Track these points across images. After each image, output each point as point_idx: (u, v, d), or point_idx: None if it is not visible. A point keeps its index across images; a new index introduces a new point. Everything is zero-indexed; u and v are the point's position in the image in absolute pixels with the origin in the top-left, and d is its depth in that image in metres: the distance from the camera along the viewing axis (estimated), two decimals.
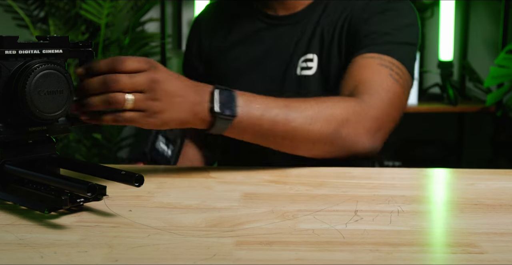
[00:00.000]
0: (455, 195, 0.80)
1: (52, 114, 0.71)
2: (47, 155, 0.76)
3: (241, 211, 0.71)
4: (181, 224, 0.66)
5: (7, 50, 0.70)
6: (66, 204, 0.67)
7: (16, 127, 0.72)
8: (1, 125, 0.70)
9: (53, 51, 0.73)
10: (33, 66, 0.69)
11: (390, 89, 0.97)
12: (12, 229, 0.63)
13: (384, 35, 1.03)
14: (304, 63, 1.10)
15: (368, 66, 1.00)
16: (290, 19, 1.15)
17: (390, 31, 1.04)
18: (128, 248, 0.58)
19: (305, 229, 0.64)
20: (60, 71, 0.71)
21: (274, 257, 0.56)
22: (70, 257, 0.55)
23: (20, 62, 0.71)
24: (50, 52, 0.73)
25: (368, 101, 0.94)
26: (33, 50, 0.72)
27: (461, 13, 2.54)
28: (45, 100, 0.70)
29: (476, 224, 0.66)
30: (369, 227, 0.65)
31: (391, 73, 0.99)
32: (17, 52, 0.70)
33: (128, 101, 0.76)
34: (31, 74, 0.69)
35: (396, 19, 1.06)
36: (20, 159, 0.73)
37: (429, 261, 0.55)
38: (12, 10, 2.32)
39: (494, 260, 0.55)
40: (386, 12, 1.06)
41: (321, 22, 1.11)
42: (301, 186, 0.82)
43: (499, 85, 2.27)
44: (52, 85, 0.71)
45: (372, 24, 1.05)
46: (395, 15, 1.07)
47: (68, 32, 2.28)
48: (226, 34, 1.21)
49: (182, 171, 0.94)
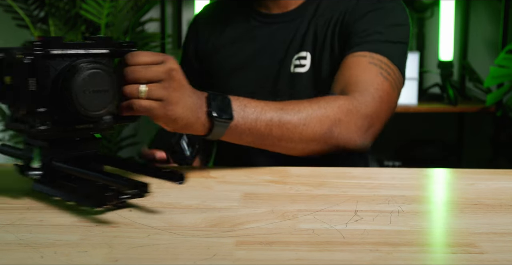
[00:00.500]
0: (455, 195, 0.80)
1: (97, 113, 0.72)
2: (92, 152, 0.78)
3: (241, 211, 0.71)
4: (181, 224, 0.66)
5: (53, 50, 0.71)
6: (111, 200, 0.69)
7: (63, 124, 0.73)
8: (49, 123, 0.72)
9: (99, 51, 0.75)
10: (79, 65, 0.71)
11: (380, 87, 0.98)
12: (12, 229, 0.63)
13: (375, 33, 1.04)
14: (298, 60, 1.12)
15: (359, 64, 1.01)
16: (283, 17, 1.16)
17: (381, 29, 1.05)
18: (128, 248, 0.58)
19: (305, 229, 0.64)
20: (106, 71, 0.72)
21: (274, 257, 0.56)
22: (70, 257, 0.55)
23: (66, 61, 0.72)
24: (96, 52, 0.75)
25: (359, 99, 0.95)
26: (79, 50, 0.73)
27: (461, 13, 2.54)
28: (90, 98, 0.71)
29: (476, 224, 0.66)
30: (369, 227, 0.65)
31: (381, 71, 1.00)
32: (63, 52, 0.72)
33: (141, 92, 0.77)
34: (77, 73, 0.70)
35: (388, 18, 1.07)
36: (67, 156, 0.75)
37: (429, 261, 0.55)
38: (12, 10, 2.32)
39: (494, 260, 0.55)
40: (378, 11, 1.07)
41: (315, 21, 1.12)
42: (301, 186, 0.82)
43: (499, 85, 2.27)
44: (98, 84, 0.72)
45: (363, 23, 1.06)
46: (386, 14, 1.08)
47: (68, 32, 2.29)
48: (221, 32, 1.22)
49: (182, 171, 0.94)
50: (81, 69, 0.70)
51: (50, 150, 0.74)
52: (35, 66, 0.70)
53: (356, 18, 1.07)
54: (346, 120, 0.93)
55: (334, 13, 1.11)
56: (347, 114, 0.93)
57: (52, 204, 0.73)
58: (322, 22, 1.11)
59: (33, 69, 0.70)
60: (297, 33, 1.13)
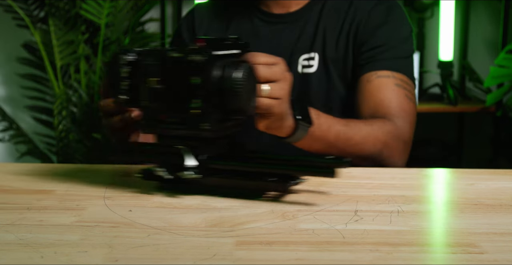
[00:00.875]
0: (455, 195, 0.80)
1: (251, 109, 0.76)
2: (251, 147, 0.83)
3: (241, 211, 0.71)
4: (181, 224, 0.66)
5: (214, 51, 0.73)
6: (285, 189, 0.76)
7: (222, 122, 0.75)
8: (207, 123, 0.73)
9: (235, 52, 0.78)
10: (244, 64, 0.74)
11: (410, 111, 1.07)
12: (12, 229, 0.63)
13: (391, 49, 1.10)
14: (306, 61, 1.13)
15: (386, 87, 1.07)
16: (287, 18, 1.16)
17: (396, 44, 1.11)
18: (128, 248, 0.58)
19: (305, 229, 0.64)
20: (252, 69, 0.75)
21: (274, 257, 0.56)
22: (70, 257, 0.55)
23: (220, 62, 0.74)
24: (235, 53, 0.78)
25: (399, 125, 1.03)
26: (229, 51, 0.77)
27: (461, 13, 2.54)
28: (250, 95, 0.74)
29: (476, 224, 0.66)
30: (369, 227, 0.65)
31: (407, 93, 1.08)
32: (224, 53, 0.75)
33: (264, 91, 0.78)
34: (244, 71, 0.73)
35: (400, 30, 1.13)
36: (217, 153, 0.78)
37: (429, 261, 0.55)
38: (12, 10, 2.32)
39: (494, 260, 0.55)
40: (390, 24, 1.12)
41: (323, 22, 1.14)
42: (301, 186, 0.82)
43: (499, 85, 2.26)
44: (253, 81, 0.75)
45: (379, 37, 1.11)
46: (398, 25, 1.13)
47: (68, 32, 2.28)
48: (223, 30, 1.21)
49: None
50: (246, 67, 0.73)
51: (207, 148, 0.76)
52: (212, 66, 0.73)
53: (370, 31, 1.11)
54: (392, 144, 1.01)
55: (342, 15, 1.13)
56: (393, 139, 1.01)
57: (52, 204, 0.73)
58: (331, 23, 1.14)
59: (210, 69, 0.72)
60: (303, 34, 1.14)
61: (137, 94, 0.76)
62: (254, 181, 0.76)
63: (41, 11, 2.35)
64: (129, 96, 0.76)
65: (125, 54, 0.76)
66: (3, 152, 2.61)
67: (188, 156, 0.75)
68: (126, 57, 0.75)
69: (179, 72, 0.73)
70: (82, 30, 2.32)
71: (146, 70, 0.74)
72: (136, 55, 0.76)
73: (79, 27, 2.30)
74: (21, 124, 2.44)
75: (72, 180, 0.85)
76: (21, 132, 2.37)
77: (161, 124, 0.76)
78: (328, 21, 1.13)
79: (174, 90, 0.74)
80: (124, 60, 0.75)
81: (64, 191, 0.79)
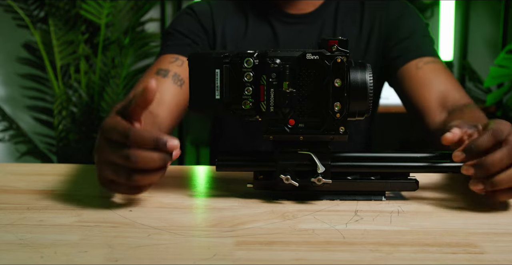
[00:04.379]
0: (455, 195, 0.80)
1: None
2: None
3: (241, 211, 0.71)
4: (181, 224, 0.66)
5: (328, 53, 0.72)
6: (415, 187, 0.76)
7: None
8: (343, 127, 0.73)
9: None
10: (367, 64, 0.73)
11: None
12: (12, 229, 0.63)
13: (422, 36, 1.15)
14: None
15: (440, 71, 1.10)
16: (304, 18, 1.17)
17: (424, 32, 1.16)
18: (128, 248, 0.58)
19: (305, 229, 0.64)
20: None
21: (274, 257, 0.56)
22: (70, 257, 0.55)
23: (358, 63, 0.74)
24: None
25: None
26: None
27: (461, 13, 2.54)
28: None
29: (476, 224, 0.67)
30: (369, 227, 0.65)
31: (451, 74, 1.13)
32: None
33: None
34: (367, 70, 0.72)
35: (420, 20, 1.19)
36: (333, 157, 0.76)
37: (429, 261, 0.55)
38: (12, 10, 2.32)
39: (494, 260, 0.55)
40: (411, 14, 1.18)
41: (340, 22, 1.16)
42: None
43: (499, 85, 2.27)
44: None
45: (406, 26, 1.16)
46: (416, 15, 1.19)
47: (68, 32, 2.28)
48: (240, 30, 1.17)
49: (182, 171, 0.94)
50: (368, 67, 0.73)
51: (330, 153, 0.75)
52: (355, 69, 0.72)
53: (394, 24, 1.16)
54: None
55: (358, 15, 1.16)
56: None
57: (52, 204, 0.73)
58: (347, 24, 1.16)
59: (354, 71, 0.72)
60: (322, 34, 1.15)
61: (258, 99, 0.72)
62: (379, 182, 0.75)
63: (41, 11, 2.35)
64: (251, 102, 0.72)
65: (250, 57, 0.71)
66: (3, 152, 2.61)
67: (318, 161, 0.73)
68: (253, 60, 0.71)
69: (316, 75, 0.72)
70: (82, 30, 2.32)
71: (281, 74, 0.71)
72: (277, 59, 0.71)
73: (79, 27, 2.30)
74: (21, 124, 2.44)
75: (72, 180, 0.85)
76: (21, 132, 2.37)
77: (288, 129, 0.73)
78: (345, 22, 1.16)
79: (308, 94, 0.72)
80: (250, 64, 0.71)
81: (64, 191, 0.79)
